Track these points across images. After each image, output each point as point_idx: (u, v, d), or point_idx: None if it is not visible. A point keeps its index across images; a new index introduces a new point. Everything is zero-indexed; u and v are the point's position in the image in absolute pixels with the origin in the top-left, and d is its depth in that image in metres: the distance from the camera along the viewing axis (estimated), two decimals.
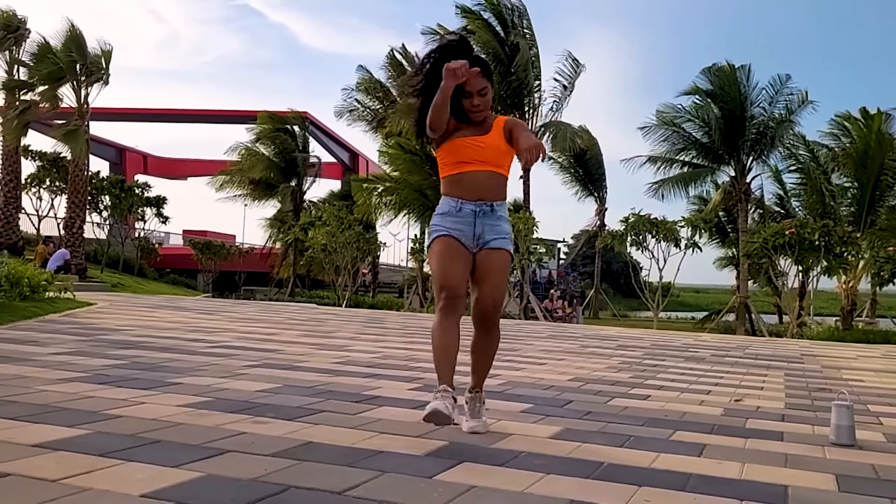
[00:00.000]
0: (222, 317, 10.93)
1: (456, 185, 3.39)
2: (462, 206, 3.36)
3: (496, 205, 3.40)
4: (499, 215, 3.42)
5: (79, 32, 22.48)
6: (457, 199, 3.37)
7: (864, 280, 23.12)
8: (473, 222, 3.36)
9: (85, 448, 2.78)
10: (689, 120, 24.68)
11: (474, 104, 3.33)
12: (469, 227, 3.37)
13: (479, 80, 3.28)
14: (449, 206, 3.39)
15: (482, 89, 3.32)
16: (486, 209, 3.37)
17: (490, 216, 3.38)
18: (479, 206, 3.36)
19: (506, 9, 24.02)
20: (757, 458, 3.28)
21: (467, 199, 3.36)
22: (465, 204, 3.36)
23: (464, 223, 3.37)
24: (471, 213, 3.36)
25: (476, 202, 3.35)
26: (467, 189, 3.36)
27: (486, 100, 3.36)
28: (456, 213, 3.37)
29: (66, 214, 23.83)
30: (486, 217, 3.37)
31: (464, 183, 3.37)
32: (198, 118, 46.09)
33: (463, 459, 2.93)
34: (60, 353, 5.64)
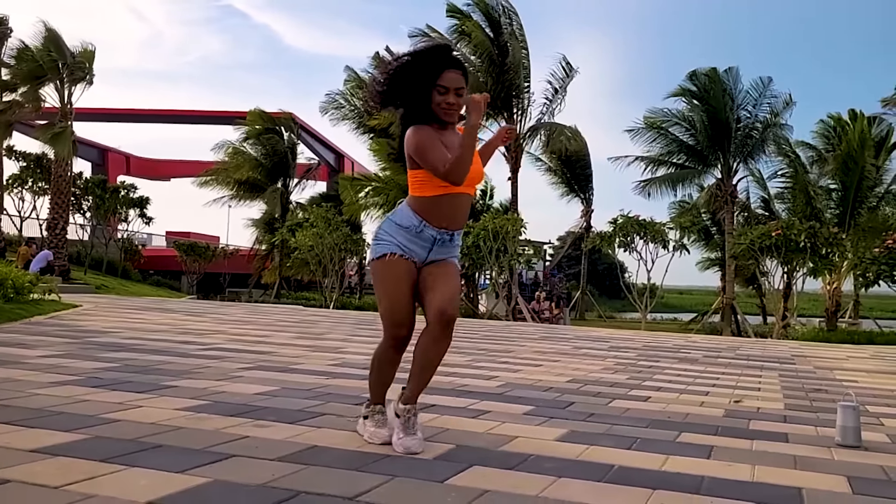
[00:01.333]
0: (210, 319, 10.82)
1: (431, 209, 3.10)
2: (424, 230, 3.11)
3: (456, 234, 3.20)
4: (455, 243, 3.23)
5: (55, 33, 22.23)
6: (420, 220, 3.10)
7: (847, 281, 23.33)
8: (429, 249, 3.15)
9: (85, 453, 2.70)
10: (676, 123, 24.79)
11: (449, 101, 3.05)
12: (424, 251, 3.15)
13: (457, 76, 3.07)
14: (410, 223, 3.12)
15: (459, 89, 3.07)
16: (446, 238, 3.15)
17: (447, 244, 3.18)
18: (440, 234, 3.13)
19: (494, 10, 23.99)
20: (766, 459, 3.25)
21: (433, 224, 3.11)
22: (427, 228, 3.11)
23: (419, 246, 3.14)
24: (430, 238, 3.13)
25: (439, 230, 3.11)
26: (441, 217, 3.11)
27: (461, 101, 3.10)
28: (415, 234, 3.12)
29: (49, 215, 23.58)
30: (442, 245, 3.16)
31: (442, 209, 3.10)
32: (181, 119, 45.76)
33: (472, 463, 2.87)
34: (50, 355, 5.53)
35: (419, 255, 3.15)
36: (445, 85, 3.04)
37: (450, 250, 3.22)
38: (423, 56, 3.09)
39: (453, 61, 3.10)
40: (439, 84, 3.04)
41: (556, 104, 25.33)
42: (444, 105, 3.05)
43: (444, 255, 3.19)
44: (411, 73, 3.07)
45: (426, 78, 3.05)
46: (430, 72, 3.04)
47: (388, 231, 3.16)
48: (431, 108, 3.07)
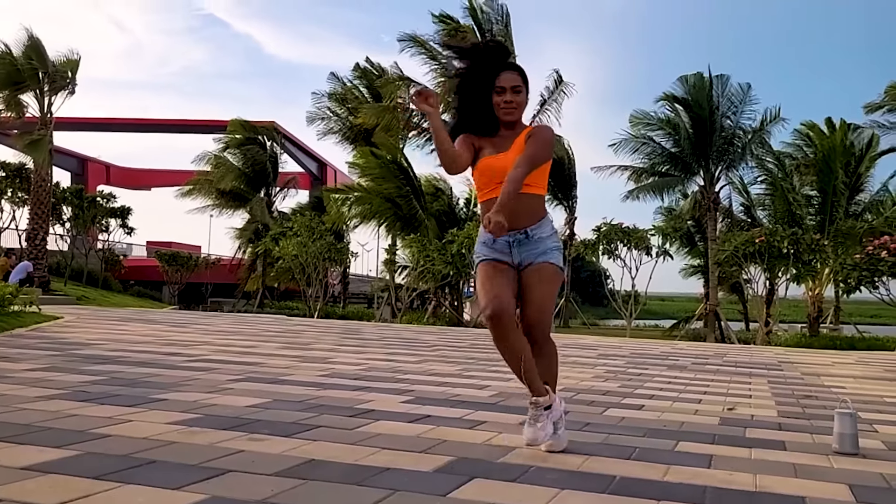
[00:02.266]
0: (195, 329, 10.71)
1: (486, 212, 3.08)
2: (495, 240, 3.15)
3: (531, 230, 3.17)
4: (537, 238, 3.19)
5: (37, 40, 22.01)
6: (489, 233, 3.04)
7: (828, 287, 23.51)
8: (510, 252, 3.19)
9: (78, 470, 2.64)
10: (659, 129, 24.90)
11: (507, 100, 3.14)
12: (507, 256, 3.19)
13: (513, 76, 3.16)
14: (485, 236, 3.22)
15: (516, 86, 3.15)
16: (521, 237, 3.16)
17: (526, 243, 3.18)
18: (512, 237, 3.14)
19: (486, 19, 23.98)
20: (766, 468, 3.23)
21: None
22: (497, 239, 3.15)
23: (500, 253, 3.20)
24: (505, 244, 3.17)
25: (508, 233, 3.05)
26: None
27: (519, 99, 3.17)
28: (491, 245, 3.21)
29: (28, 226, 23.29)
30: (521, 245, 3.17)
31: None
32: (162, 128, 45.49)
33: (474, 475, 2.83)
34: (34, 368, 5.44)
35: (507, 259, 3.21)
36: (502, 85, 3.14)
37: (535, 248, 3.20)
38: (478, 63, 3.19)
39: (508, 63, 3.20)
40: (497, 85, 3.15)
41: (544, 116, 25.38)
42: (503, 104, 3.15)
43: (533, 257, 3.19)
44: (471, 80, 3.19)
45: (484, 83, 3.15)
46: (487, 76, 3.15)
47: (477, 249, 3.32)
48: (492, 111, 3.18)
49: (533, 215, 3.21)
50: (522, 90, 3.19)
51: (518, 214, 3.11)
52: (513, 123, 3.22)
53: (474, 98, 3.20)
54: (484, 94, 3.18)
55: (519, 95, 3.16)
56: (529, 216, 3.19)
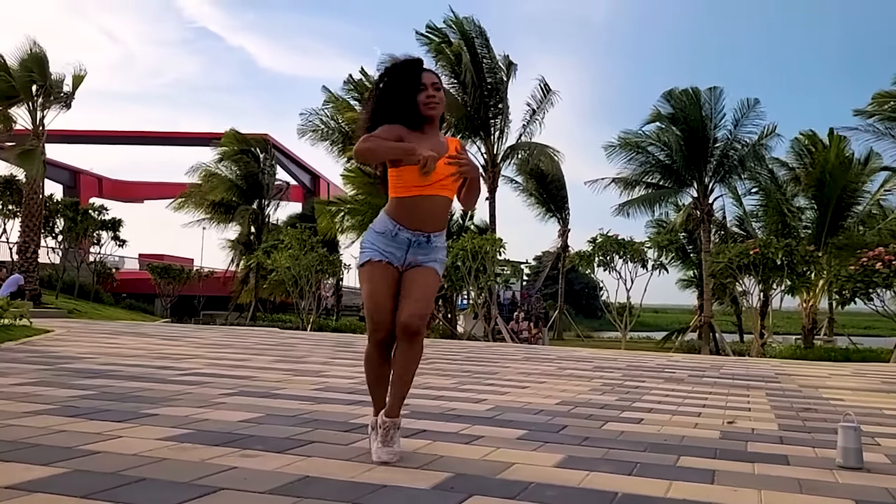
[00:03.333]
0: (187, 342, 10.60)
1: (403, 211, 3.28)
2: (398, 233, 3.28)
3: (433, 236, 3.33)
4: (434, 245, 3.34)
5: (41, 52, 21.85)
6: (395, 224, 3.28)
7: (823, 298, 23.53)
8: (406, 250, 3.30)
9: (65, 489, 2.56)
10: (651, 143, 24.92)
11: (429, 94, 3.29)
12: (401, 252, 3.31)
13: (432, 75, 3.33)
14: (385, 228, 3.31)
15: (435, 83, 3.32)
16: (423, 240, 3.30)
17: (424, 246, 3.32)
18: (415, 237, 3.29)
19: (470, 31, 24.09)
20: (770, 483, 3.17)
21: (406, 226, 3.28)
22: (402, 231, 3.28)
23: (396, 248, 3.30)
24: (405, 241, 3.29)
25: (414, 232, 3.28)
26: (413, 219, 3.27)
27: (440, 94, 3.33)
28: (391, 238, 3.30)
29: (19, 238, 23.11)
30: (419, 247, 3.31)
31: (413, 211, 3.27)
32: (154, 140, 45.33)
33: (472, 492, 2.76)
34: (23, 383, 5.34)
35: (397, 258, 3.30)
36: (424, 82, 3.29)
37: (429, 253, 3.34)
38: (399, 70, 3.34)
39: (424, 68, 3.36)
40: (421, 82, 3.30)
41: (533, 126, 25.45)
42: (426, 98, 3.29)
43: (423, 260, 3.32)
44: (394, 88, 3.31)
45: (408, 86, 3.29)
46: (410, 79, 3.30)
47: (369, 239, 3.35)
48: (417, 109, 3.30)
49: (442, 223, 3.38)
50: (440, 87, 3.37)
51: (435, 220, 3.32)
52: (432, 119, 3.35)
53: (398, 97, 3.30)
54: (408, 91, 3.29)
55: (439, 92, 3.33)
56: (440, 222, 3.36)
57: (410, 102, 3.29)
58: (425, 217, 3.28)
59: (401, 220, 3.28)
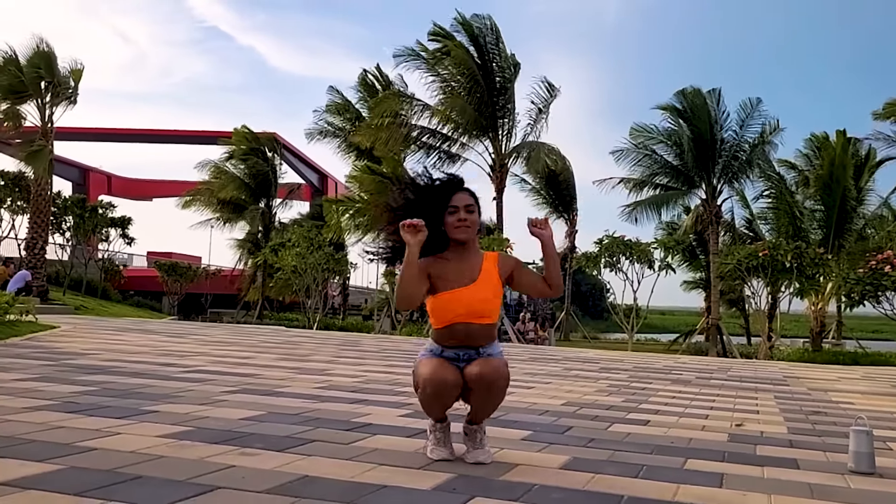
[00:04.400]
0: (192, 340, 10.58)
1: (443, 337, 3.24)
2: (444, 351, 3.23)
3: (482, 349, 3.23)
4: (486, 355, 3.22)
5: (48, 50, 21.91)
6: (440, 347, 3.24)
7: (831, 302, 23.35)
8: (458, 364, 3.21)
9: (59, 486, 2.50)
10: (661, 142, 24.79)
11: (461, 218, 3.18)
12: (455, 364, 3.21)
13: (465, 196, 3.22)
14: (433, 347, 3.28)
15: (469, 205, 3.20)
16: (473, 354, 3.21)
17: (475, 357, 3.21)
18: (464, 352, 3.21)
19: (479, 32, 24.03)
20: (780, 488, 3.10)
21: (451, 346, 3.22)
22: (446, 350, 3.23)
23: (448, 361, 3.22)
24: (453, 355, 3.22)
25: (459, 348, 3.21)
26: (454, 341, 3.21)
27: (473, 217, 3.21)
28: (438, 354, 3.25)
29: (27, 235, 23.17)
30: (470, 360, 3.21)
31: (450, 335, 3.21)
32: (164, 139, 45.44)
33: (474, 494, 2.70)
34: (25, 378, 5.30)
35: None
36: (456, 204, 3.19)
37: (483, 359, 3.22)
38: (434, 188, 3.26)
39: (461, 187, 3.26)
40: (450, 205, 3.19)
41: (539, 124, 25.36)
42: (457, 223, 3.18)
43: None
44: (425, 203, 3.23)
45: (438, 204, 3.20)
46: (441, 198, 3.21)
47: (421, 354, 3.32)
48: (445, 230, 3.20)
49: (487, 339, 3.26)
50: (475, 209, 3.24)
51: (476, 336, 3.21)
52: (464, 242, 3.23)
53: (425, 214, 3.18)
54: (436, 211, 3.21)
55: (472, 214, 3.21)
56: (485, 339, 3.24)
57: (437, 223, 3.19)
58: (464, 338, 3.20)
59: (442, 343, 3.24)
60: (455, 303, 3.18)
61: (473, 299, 3.17)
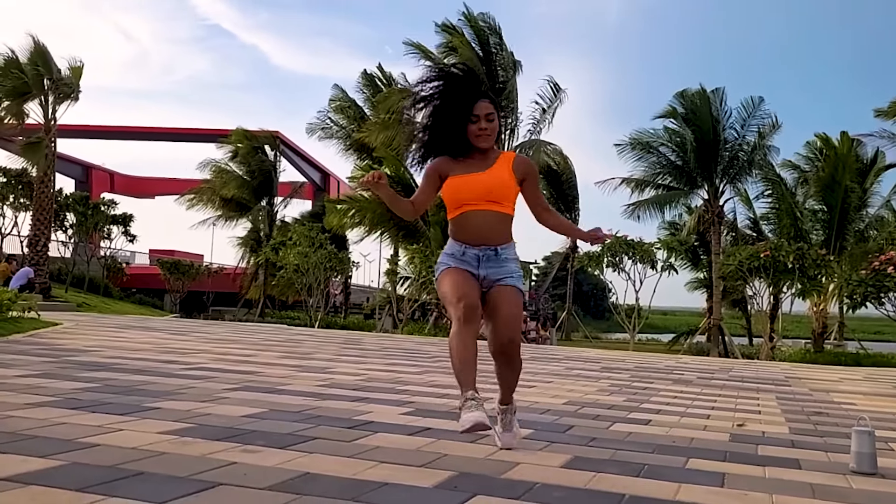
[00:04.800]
0: (194, 338, 10.59)
1: (459, 229, 3.35)
2: (465, 251, 3.32)
3: (500, 248, 3.34)
4: (503, 258, 3.35)
5: (43, 47, 21.99)
6: (461, 244, 3.33)
7: (833, 303, 23.33)
8: (477, 266, 3.32)
9: (61, 482, 2.51)
10: (663, 143, 24.78)
11: (482, 127, 3.28)
12: (474, 269, 3.33)
13: (486, 104, 3.31)
14: (453, 250, 3.37)
15: (489, 114, 3.30)
16: (490, 253, 3.32)
17: (494, 260, 3.33)
18: (482, 252, 3.31)
19: (484, 29, 24.02)
20: (782, 488, 3.09)
21: (470, 243, 3.32)
22: (468, 248, 3.32)
23: (469, 266, 3.33)
24: (474, 257, 3.32)
25: (479, 247, 3.31)
26: (470, 234, 3.32)
27: (493, 125, 3.31)
28: (460, 257, 3.34)
29: (30, 232, 23.22)
30: (489, 261, 3.32)
31: (467, 227, 3.32)
32: (166, 136, 45.45)
33: (476, 492, 2.70)
34: (27, 375, 5.31)
35: (474, 271, 3.33)
36: (477, 114, 3.28)
37: (501, 267, 3.34)
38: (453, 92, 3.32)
39: (481, 92, 3.34)
40: (473, 114, 3.29)
41: (543, 124, 25.35)
42: (478, 132, 3.28)
43: (498, 275, 3.33)
44: (445, 111, 3.32)
45: (460, 113, 3.28)
46: (462, 106, 3.28)
47: (442, 260, 3.42)
48: (466, 138, 3.30)
49: (504, 236, 3.38)
50: (495, 117, 3.34)
51: (493, 232, 3.32)
52: (485, 150, 3.36)
53: (448, 125, 3.31)
54: (459, 122, 3.29)
55: (492, 123, 3.31)
56: (501, 236, 3.35)
57: (460, 132, 3.29)
58: (483, 231, 3.30)
59: (463, 238, 3.33)
60: (467, 186, 3.28)
61: (486, 181, 3.28)
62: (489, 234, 3.30)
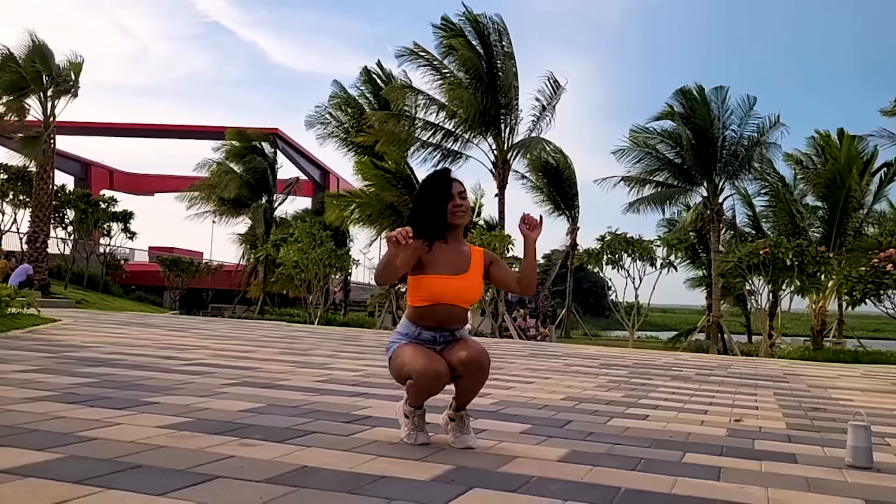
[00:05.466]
0: (193, 334, 10.59)
1: (424, 317, 3.42)
2: (420, 333, 3.42)
3: (456, 332, 3.47)
4: (459, 337, 3.47)
5: (41, 43, 21.95)
6: (417, 326, 3.43)
7: (832, 300, 23.32)
8: (434, 344, 3.41)
9: (58, 474, 2.52)
10: (661, 141, 24.76)
11: (457, 204, 3.45)
12: (431, 346, 3.41)
13: (459, 185, 3.50)
14: (408, 330, 3.45)
15: (461, 192, 3.49)
16: (449, 337, 3.44)
17: (450, 340, 3.44)
18: (439, 334, 3.42)
19: (484, 26, 24.00)
20: (778, 482, 3.11)
21: (428, 327, 3.42)
22: (423, 331, 3.42)
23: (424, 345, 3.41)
24: (430, 337, 3.42)
25: (436, 330, 3.42)
26: (433, 322, 3.42)
27: (466, 203, 3.51)
28: (415, 338, 3.43)
29: (29, 229, 23.19)
30: (445, 342, 3.43)
31: (432, 316, 3.41)
32: (166, 133, 45.35)
33: (472, 485, 2.71)
34: (26, 370, 5.32)
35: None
36: (451, 192, 3.48)
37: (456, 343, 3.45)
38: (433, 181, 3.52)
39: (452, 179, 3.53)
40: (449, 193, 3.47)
41: (543, 121, 25.33)
42: (453, 208, 3.46)
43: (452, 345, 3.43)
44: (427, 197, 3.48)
45: (439, 196, 3.46)
46: (441, 190, 3.47)
47: (395, 339, 3.47)
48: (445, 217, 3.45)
49: (463, 322, 3.53)
50: (466, 195, 3.54)
51: (454, 318, 3.45)
52: (459, 226, 3.51)
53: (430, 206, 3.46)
54: (438, 203, 3.45)
55: (465, 200, 3.50)
56: (457, 322, 3.48)
57: (440, 211, 3.44)
58: (443, 319, 3.41)
59: (420, 322, 3.42)
60: (445, 288, 3.39)
61: (464, 286, 3.43)
62: (450, 321, 3.43)
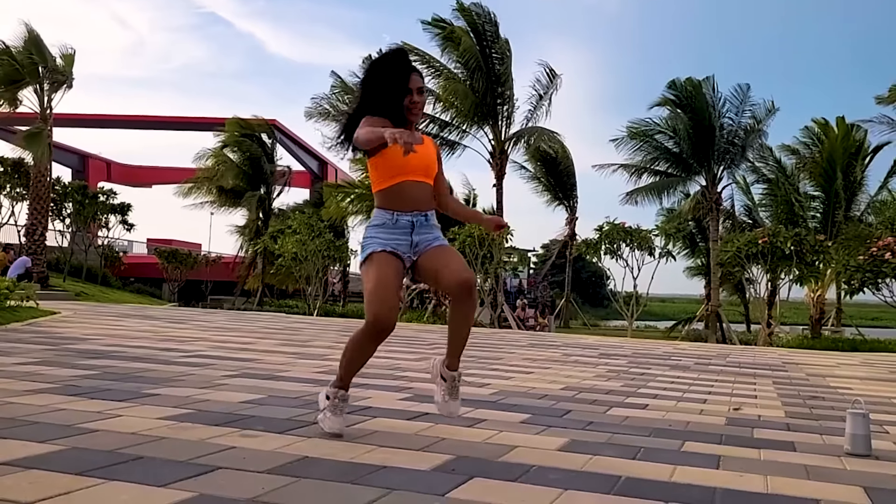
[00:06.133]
0: (193, 326, 10.60)
1: (395, 198, 3.37)
2: (398, 219, 3.36)
3: (429, 214, 3.44)
4: (431, 224, 3.45)
5: (36, 35, 21.88)
6: (392, 212, 3.36)
7: (830, 289, 23.36)
8: (410, 232, 3.37)
9: (60, 466, 2.52)
10: (659, 131, 24.75)
11: (413, 100, 3.37)
12: (406, 237, 3.37)
13: (418, 78, 3.39)
14: (384, 219, 3.38)
15: (420, 88, 3.40)
16: (422, 219, 3.40)
17: (425, 226, 3.41)
18: (415, 217, 3.38)
19: (479, 17, 23.95)
20: (777, 469, 3.12)
21: (403, 210, 3.37)
22: (400, 216, 3.36)
23: (400, 234, 3.36)
24: (408, 223, 3.37)
25: (411, 213, 3.37)
26: (403, 201, 3.37)
27: (423, 98, 3.43)
28: (392, 226, 3.37)
29: (27, 221, 23.16)
30: (421, 227, 3.40)
31: (403, 197, 3.37)
32: (163, 125, 45.25)
33: (473, 474, 2.72)
34: (26, 362, 5.32)
35: (404, 244, 3.35)
36: (410, 87, 3.36)
37: (430, 232, 3.43)
38: (388, 68, 3.37)
39: (412, 66, 3.41)
40: (406, 87, 3.35)
41: (540, 111, 25.30)
42: (410, 105, 3.36)
43: (429, 240, 3.40)
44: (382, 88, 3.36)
45: (397, 85, 3.34)
46: (398, 82, 3.34)
47: (369, 234, 3.41)
48: (401, 111, 3.36)
49: (431, 203, 3.50)
50: (424, 89, 3.46)
51: (423, 200, 3.43)
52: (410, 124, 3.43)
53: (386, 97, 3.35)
54: (396, 94, 3.35)
55: (422, 96, 3.41)
56: (429, 203, 3.47)
57: (396, 105, 3.35)
58: (417, 200, 3.38)
59: (395, 206, 3.36)
60: (409, 157, 3.25)
61: (424, 157, 3.37)
62: (421, 201, 3.41)
